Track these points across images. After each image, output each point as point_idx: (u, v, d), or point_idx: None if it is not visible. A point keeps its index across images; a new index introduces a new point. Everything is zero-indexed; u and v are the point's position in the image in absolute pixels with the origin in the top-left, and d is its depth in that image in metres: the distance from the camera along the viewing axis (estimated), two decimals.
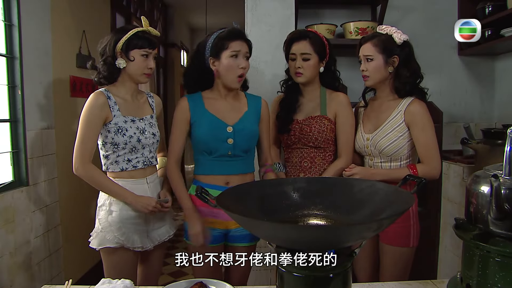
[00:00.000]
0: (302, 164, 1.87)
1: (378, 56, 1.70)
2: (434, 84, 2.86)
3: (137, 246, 1.67)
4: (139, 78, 1.69)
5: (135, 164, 1.68)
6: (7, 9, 2.21)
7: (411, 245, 1.69)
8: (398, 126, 1.70)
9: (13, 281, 2.14)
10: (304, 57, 1.80)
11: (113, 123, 1.64)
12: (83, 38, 3.01)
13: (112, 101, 1.65)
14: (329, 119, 1.84)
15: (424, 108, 1.69)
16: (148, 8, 5.02)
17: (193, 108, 1.71)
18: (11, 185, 2.22)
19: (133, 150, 1.67)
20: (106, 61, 1.64)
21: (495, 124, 2.82)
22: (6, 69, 2.22)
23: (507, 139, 0.94)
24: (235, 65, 1.64)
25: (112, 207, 1.66)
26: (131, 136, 1.65)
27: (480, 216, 0.98)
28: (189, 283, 1.23)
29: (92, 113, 1.61)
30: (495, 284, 0.92)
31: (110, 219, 1.65)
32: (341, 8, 2.84)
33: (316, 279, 0.94)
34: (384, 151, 1.72)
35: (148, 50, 1.66)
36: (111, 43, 1.63)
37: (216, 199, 1.02)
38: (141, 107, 1.75)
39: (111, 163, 1.67)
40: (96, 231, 1.68)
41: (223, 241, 1.74)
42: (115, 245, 1.64)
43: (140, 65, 1.65)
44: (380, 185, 1.14)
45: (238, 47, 1.64)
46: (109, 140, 1.64)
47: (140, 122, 1.70)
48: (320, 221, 1.11)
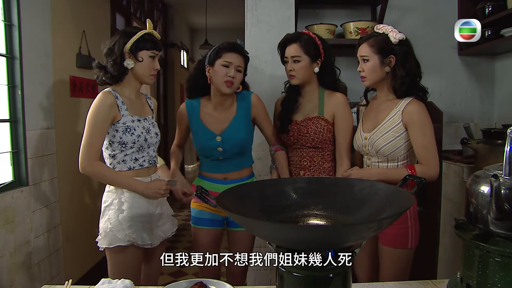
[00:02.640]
0: (302, 163, 1.91)
1: (374, 56, 1.69)
2: (434, 84, 2.86)
3: (147, 243, 1.69)
4: (146, 79, 1.72)
5: (142, 163, 1.71)
6: (7, 9, 2.21)
7: (410, 246, 1.67)
8: (395, 127, 1.68)
9: (13, 281, 2.14)
10: (295, 60, 1.84)
11: (121, 122, 1.65)
12: (83, 38, 3.01)
13: (120, 100, 1.67)
14: (325, 119, 1.86)
15: (422, 109, 1.66)
16: (148, 8, 5.02)
17: (190, 115, 1.92)
18: (11, 185, 2.22)
19: (140, 149, 1.70)
20: (116, 61, 1.65)
21: (495, 124, 2.83)
22: (6, 69, 2.22)
23: (507, 139, 0.94)
24: (224, 72, 1.78)
25: (122, 205, 1.67)
26: (139, 135, 1.68)
27: (480, 216, 0.97)
28: (189, 283, 1.23)
29: (101, 112, 1.62)
30: (495, 284, 0.92)
31: (121, 217, 1.65)
32: (341, 8, 2.84)
33: (316, 279, 0.94)
34: (381, 151, 1.71)
35: (155, 52, 1.70)
36: (120, 44, 1.65)
37: (216, 199, 1.02)
38: (143, 107, 1.79)
39: (118, 162, 1.68)
40: (105, 230, 1.67)
41: (223, 226, 1.95)
42: (126, 243, 1.65)
43: (148, 66, 1.69)
44: (380, 185, 1.14)
45: (231, 59, 1.78)
46: (117, 139, 1.66)
47: (145, 122, 1.73)
48: (320, 221, 1.11)
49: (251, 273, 2.64)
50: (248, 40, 2.54)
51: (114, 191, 1.69)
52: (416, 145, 1.66)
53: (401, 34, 1.67)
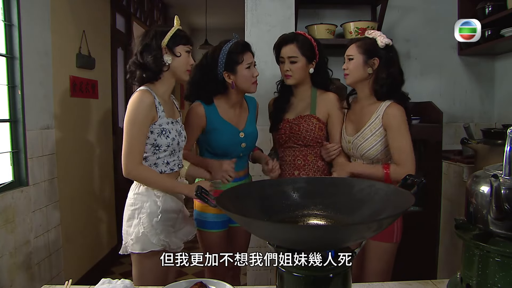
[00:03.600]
0: (296, 162, 1.92)
1: (359, 56, 1.75)
2: (434, 84, 2.87)
3: (178, 247, 1.66)
4: (183, 75, 1.67)
5: (172, 167, 1.66)
6: (7, 9, 2.21)
7: (394, 240, 1.74)
8: (377, 131, 1.74)
9: (13, 281, 2.14)
10: (292, 60, 1.85)
11: (157, 124, 1.60)
12: (83, 38, 3.01)
13: (157, 100, 1.60)
14: (318, 118, 1.89)
15: (400, 111, 1.71)
16: (148, 8, 5.02)
17: (209, 115, 1.85)
18: (11, 185, 2.22)
19: (172, 153, 1.65)
20: (156, 56, 1.58)
21: (495, 124, 2.83)
22: (6, 69, 2.22)
23: (507, 139, 0.94)
24: (250, 75, 1.80)
25: (158, 209, 1.61)
26: (173, 138, 1.63)
27: (480, 216, 0.97)
28: (189, 283, 1.23)
29: (142, 112, 1.56)
30: (495, 284, 0.92)
31: (154, 222, 1.59)
32: (341, 8, 2.84)
33: (316, 279, 0.94)
34: (365, 155, 1.77)
35: (190, 47, 1.66)
36: (157, 39, 1.59)
37: (216, 199, 1.02)
38: (174, 109, 1.74)
39: (150, 166, 1.62)
40: (136, 235, 1.59)
41: (227, 226, 1.93)
42: (160, 248, 1.59)
43: (185, 60, 1.64)
44: (380, 185, 1.14)
45: (250, 59, 1.80)
46: (151, 141, 1.60)
47: (177, 124, 1.68)
48: (320, 221, 1.11)
49: (251, 273, 2.64)
50: (248, 40, 2.51)
51: (146, 193, 1.62)
52: (391, 147, 1.72)
53: (388, 40, 1.74)
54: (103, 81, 3.38)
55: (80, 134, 3.05)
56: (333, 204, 1.12)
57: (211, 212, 1.86)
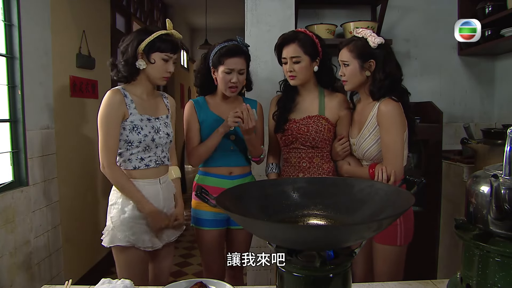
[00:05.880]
0: (301, 165, 1.87)
1: (354, 61, 1.70)
2: (434, 84, 2.87)
3: (147, 246, 1.68)
4: (157, 81, 1.71)
5: (148, 163, 1.69)
6: (7, 9, 2.20)
7: (399, 244, 1.67)
8: (374, 130, 1.71)
9: (13, 281, 2.14)
10: (295, 60, 1.81)
11: (129, 120, 1.65)
12: (83, 38, 3.01)
13: (129, 99, 1.66)
14: (326, 119, 1.85)
15: (393, 108, 1.65)
16: (148, 8, 5.02)
17: (198, 109, 1.91)
18: (11, 185, 2.22)
19: (146, 149, 1.68)
20: (127, 61, 1.64)
21: (495, 124, 2.83)
22: (6, 69, 2.22)
23: (507, 139, 0.94)
24: (227, 79, 1.81)
25: (125, 206, 1.66)
26: (146, 135, 1.67)
27: (480, 216, 0.97)
28: (189, 283, 1.23)
29: (111, 111, 1.62)
30: (495, 284, 0.92)
31: (122, 218, 1.65)
32: (341, 8, 2.84)
33: (316, 279, 0.94)
34: (366, 155, 1.75)
35: (169, 55, 1.67)
36: (134, 43, 1.63)
37: (216, 199, 1.02)
38: (157, 107, 1.77)
39: (124, 161, 1.68)
40: (107, 229, 1.68)
41: (226, 226, 1.92)
42: (125, 244, 1.65)
43: (160, 68, 1.67)
44: (380, 185, 1.15)
45: (232, 65, 1.80)
46: (123, 137, 1.65)
47: (155, 121, 1.71)
48: (320, 221, 1.11)
49: (251, 273, 2.64)
50: (248, 40, 2.53)
51: None
52: (381, 144, 1.69)
53: (379, 38, 1.68)
54: (103, 81, 3.38)
55: (80, 134, 3.05)
56: (333, 204, 1.12)
57: (206, 210, 1.86)
